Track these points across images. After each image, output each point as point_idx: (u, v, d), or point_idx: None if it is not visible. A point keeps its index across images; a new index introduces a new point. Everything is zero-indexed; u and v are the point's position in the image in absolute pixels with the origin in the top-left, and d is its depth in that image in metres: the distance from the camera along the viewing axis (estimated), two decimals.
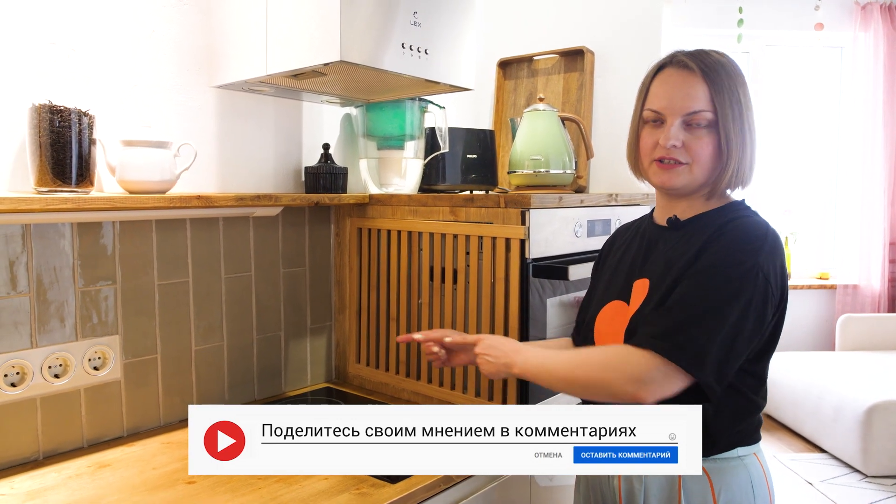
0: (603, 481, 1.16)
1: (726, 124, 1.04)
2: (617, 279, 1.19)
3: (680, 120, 1.06)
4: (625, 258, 1.21)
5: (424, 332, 1.27)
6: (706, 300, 0.99)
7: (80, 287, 1.33)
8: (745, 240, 1.02)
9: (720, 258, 1.01)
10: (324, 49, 1.19)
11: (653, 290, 1.08)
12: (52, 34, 1.26)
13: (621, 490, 1.11)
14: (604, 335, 1.16)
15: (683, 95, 1.06)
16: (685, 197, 1.12)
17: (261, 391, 1.67)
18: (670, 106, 1.06)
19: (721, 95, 1.05)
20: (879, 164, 4.25)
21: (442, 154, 1.82)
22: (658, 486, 1.07)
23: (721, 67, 1.06)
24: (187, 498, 1.12)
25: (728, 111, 1.04)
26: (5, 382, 1.23)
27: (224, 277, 1.57)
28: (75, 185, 1.20)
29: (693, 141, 1.06)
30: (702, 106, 1.05)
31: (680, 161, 1.06)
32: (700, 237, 1.06)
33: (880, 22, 4.23)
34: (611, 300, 1.17)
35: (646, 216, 1.25)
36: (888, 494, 3.00)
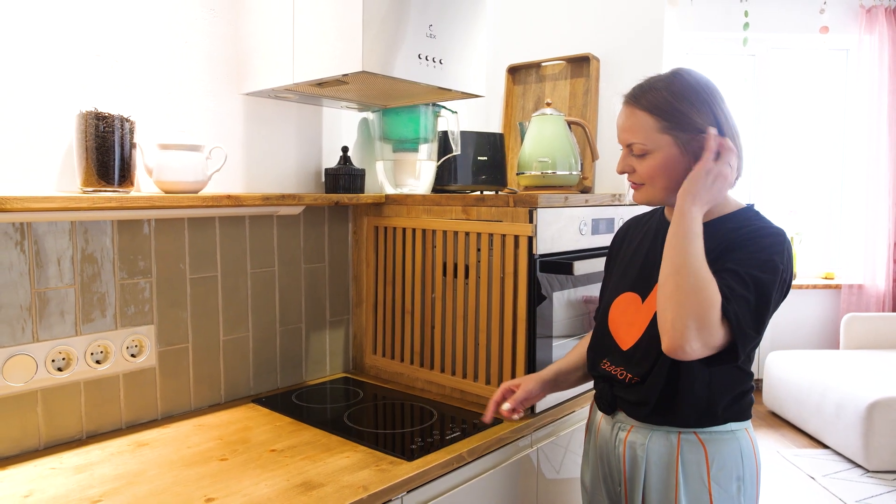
0: (609, 450, 1.26)
1: (681, 136, 1.12)
2: (630, 271, 1.28)
3: (626, 150, 1.19)
4: (638, 252, 1.28)
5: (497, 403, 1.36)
6: (753, 281, 1.06)
7: (119, 280, 1.43)
8: (771, 239, 1.10)
9: (754, 246, 1.08)
10: (347, 60, 1.29)
11: None
12: (97, 47, 1.37)
13: (626, 457, 1.22)
14: (617, 324, 1.26)
15: (623, 129, 1.19)
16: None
17: (283, 380, 1.77)
18: (619, 139, 1.20)
19: (665, 119, 1.13)
20: (884, 166, 4.31)
21: (454, 156, 1.91)
22: (658, 453, 1.18)
23: (665, 93, 1.14)
24: (221, 473, 1.22)
25: (678, 125, 1.12)
26: (53, 367, 1.34)
27: (250, 272, 1.67)
28: (117, 186, 1.31)
29: (638, 164, 1.17)
30: (636, 139, 1.16)
31: (636, 183, 1.20)
32: (718, 243, 1.12)
33: (885, 25, 4.29)
34: (624, 291, 1.27)
35: (657, 211, 1.32)
36: (889, 489, 3.06)
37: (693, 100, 1.13)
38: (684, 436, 1.17)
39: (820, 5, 4.32)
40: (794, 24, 4.39)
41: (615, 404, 1.26)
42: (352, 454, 1.31)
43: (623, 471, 1.23)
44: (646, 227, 1.32)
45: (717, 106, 1.14)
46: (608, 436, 1.27)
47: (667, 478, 1.17)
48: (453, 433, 1.41)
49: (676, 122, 1.12)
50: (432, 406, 1.61)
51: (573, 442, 1.69)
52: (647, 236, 1.29)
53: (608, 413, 1.28)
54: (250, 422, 1.49)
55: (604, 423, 1.30)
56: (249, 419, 1.51)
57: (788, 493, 3.01)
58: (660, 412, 1.18)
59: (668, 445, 1.18)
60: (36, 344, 1.31)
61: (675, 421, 1.17)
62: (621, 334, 1.25)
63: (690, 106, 1.12)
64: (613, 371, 1.25)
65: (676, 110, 1.12)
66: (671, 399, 1.16)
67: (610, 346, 1.27)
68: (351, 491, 1.14)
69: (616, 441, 1.25)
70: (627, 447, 1.22)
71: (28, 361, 1.30)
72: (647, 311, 1.21)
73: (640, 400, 1.19)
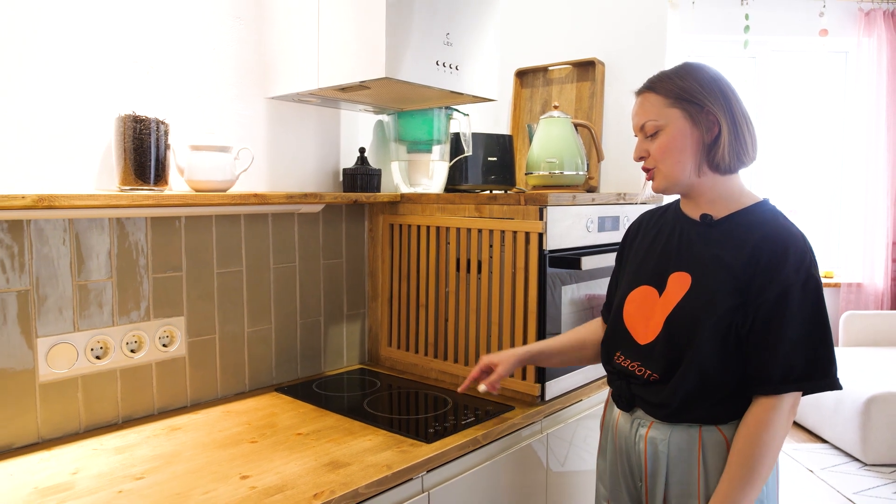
0: (629, 446, 1.26)
1: (688, 108, 1.17)
2: (646, 265, 1.29)
3: (641, 136, 1.23)
4: (654, 246, 1.30)
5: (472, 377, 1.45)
6: (807, 321, 1.11)
7: (152, 274, 1.51)
8: (801, 256, 1.13)
9: (792, 279, 1.11)
10: (370, 66, 1.37)
11: (697, 285, 1.18)
12: (134, 54, 1.45)
13: (647, 453, 1.22)
14: (634, 318, 1.27)
15: (635, 114, 1.24)
16: (697, 195, 1.23)
17: (303, 371, 1.85)
18: (633, 126, 1.25)
19: (673, 96, 1.18)
20: (883, 166, 4.39)
21: (465, 157, 2.00)
22: (679, 447, 1.18)
23: (672, 76, 1.20)
24: (251, 453, 1.30)
25: (685, 98, 1.17)
26: (92, 355, 1.42)
27: (272, 268, 1.76)
28: (153, 185, 1.39)
29: (651, 145, 1.21)
30: (647, 116, 1.20)
31: (651, 167, 1.23)
32: (740, 237, 1.16)
33: (883, 27, 4.36)
34: (640, 285, 1.27)
35: (671, 206, 1.34)
36: (886, 481, 3.14)
37: (698, 78, 1.17)
38: (705, 429, 1.17)
39: (819, 8, 4.40)
40: (794, 27, 4.46)
41: (633, 402, 1.26)
42: (373, 437, 1.39)
43: (644, 466, 1.23)
44: (660, 221, 1.33)
45: (724, 86, 1.18)
46: (627, 432, 1.27)
47: (689, 471, 1.18)
48: (467, 419, 1.49)
49: (683, 96, 1.17)
50: (446, 394, 1.69)
51: (581, 428, 1.77)
52: (663, 231, 1.30)
53: (626, 410, 1.28)
54: (275, 408, 1.58)
55: (622, 419, 1.29)
56: (274, 406, 1.59)
57: (788, 486, 3.09)
58: (682, 411, 1.18)
59: (690, 440, 1.18)
60: (77, 333, 1.40)
61: (696, 418, 1.18)
62: (638, 329, 1.25)
63: (695, 82, 1.17)
64: (630, 367, 1.25)
65: (681, 87, 1.17)
66: (693, 400, 1.17)
67: (625, 339, 1.28)
68: (376, 469, 1.22)
69: (636, 437, 1.25)
70: (649, 443, 1.22)
71: (70, 350, 1.39)
72: (664, 305, 1.21)
73: (662, 402, 1.19)
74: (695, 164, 1.19)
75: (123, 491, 1.14)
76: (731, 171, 1.20)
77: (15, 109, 1.30)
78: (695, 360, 1.16)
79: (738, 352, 1.15)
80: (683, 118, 1.18)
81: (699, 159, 1.19)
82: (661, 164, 1.21)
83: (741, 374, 1.16)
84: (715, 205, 1.22)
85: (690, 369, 1.16)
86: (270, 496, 1.12)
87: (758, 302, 1.12)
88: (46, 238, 1.34)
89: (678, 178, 1.21)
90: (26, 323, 1.32)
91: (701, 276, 1.19)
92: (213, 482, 1.17)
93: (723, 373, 1.16)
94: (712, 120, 1.17)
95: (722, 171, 1.19)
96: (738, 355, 1.15)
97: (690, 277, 1.20)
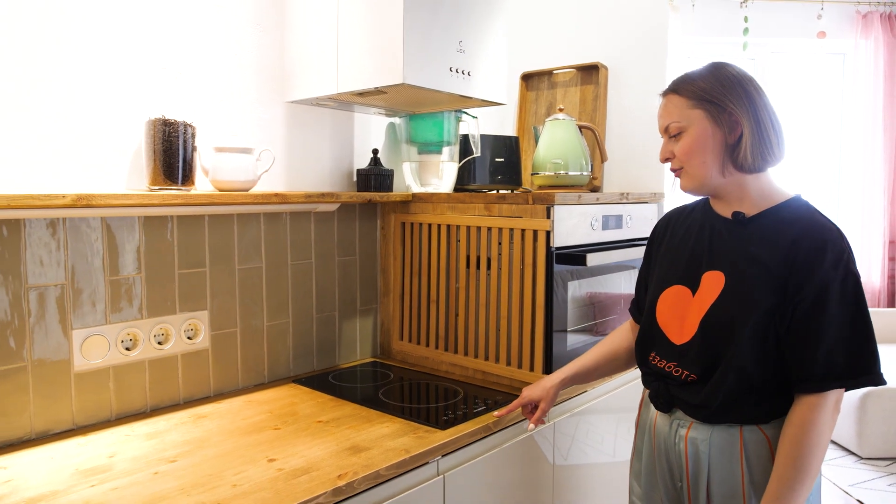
0: (669, 447, 1.27)
1: (711, 109, 1.17)
2: (678, 264, 1.29)
3: (665, 138, 1.25)
4: (685, 244, 1.30)
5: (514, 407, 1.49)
6: (847, 317, 1.11)
7: (178, 270, 1.59)
8: (839, 252, 1.13)
9: (831, 275, 1.11)
10: (388, 73, 1.45)
11: (732, 282, 1.18)
12: (162, 61, 1.53)
13: (688, 453, 1.23)
14: (667, 318, 1.27)
15: (660, 116, 1.26)
16: (726, 194, 1.23)
17: (318, 363, 1.93)
18: (659, 128, 1.27)
19: (695, 97, 1.19)
20: (880, 166, 4.46)
21: (474, 158, 2.07)
22: (720, 447, 1.19)
23: (695, 78, 1.21)
24: (276, 440, 1.38)
25: (707, 100, 1.17)
26: (122, 347, 1.50)
27: (290, 264, 1.83)
28: (181, 185, 1.46)
29: (675, 146, 1.22)
30: (671, 118, 1.22)
31: (677, 168, 1.25)
32: (775, 234, 1.16)
33: (880, 30, 4.44)
34: (672, 284, 1.28)
35: (698, 205, 1.34)
36: (881, 474, 3.22)
37: (721, 78, 1.18)
38: (746, 428, 1.18)
39: (817, 11, 4.47)
40: (793, 30, 4.53)
41: (672, 403, 1.26)
42: (390, 424, 1.46)
43: (685, 466, 1.23)
44: (689, 219, 1.33)
45: (749, 86, 1.18)
46: (667, 433, 1.28)
47: (731, 471, 1.18)
48: (479, 408, 1.57)
49: (705, 97, 1.17)
50: (457, 385, 1.77)
51: (585, 419, 1.84)
52: (692, 229, 1.30)
53: (665, 411, 1.28)
54: (294, 398, 1.65)
55: (660, 420, 1.30)
56: (293, 396, 1.67)
57: None
58: (722, 412, 1.18)
59: (731, 440, 1.18)
60: (108, 326, 1.47)
61: (737, 418, 1.18)
62: (673, 328, 1.26)
63: (718, 83, 1.17)
64: (667, 367, 1.26)
65: (703, 88, 1.18)
66: (734, 401, 1.17)
67: (659, 339, 1.29)
68: (395, 453, 1.30)
69: (676, 438, 1.25)
70: (689, 444, 1.22)
71: (102, 342, 1.46)
72: (699, 305, 1.22)
73: (702, 402, 1.20)
74: (719, 165, 1.19)
75: (159, 472, 1.21)
76: (756, 170, 1.19)
77: (51, 113, 1.37)
78: (734, 361, 1.16)
79: (778, 350, 1.15)
80: (705, 119, 1.18)
81: (723, 159, 1.19)
82: (685, 164, 1.22)
83: (781, 373, 1.15)
84: (744, 203, 1.22)
85: (730, 370, 1.16)
86: (297, 477, 1.19)
87: (796, 300, 1.12)
88: (81, 235, 1.42)
89: (703, 179, 1.21)
90: (63, 316, 1.40)
91: (736, 275, 1.18)
92: (243, 464, 1.25)
93: (763, 372, 1.15)
94: (735, 120, 1.17)
95: (747, 170, 1.19)
96: (777, 354, 1.15)
97: (724, 277, 1.20)
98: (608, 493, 1.95)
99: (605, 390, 1.92)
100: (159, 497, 1.12)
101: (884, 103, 4.43)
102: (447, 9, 1.55)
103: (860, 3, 4.46)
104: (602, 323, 1.91)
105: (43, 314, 1.37)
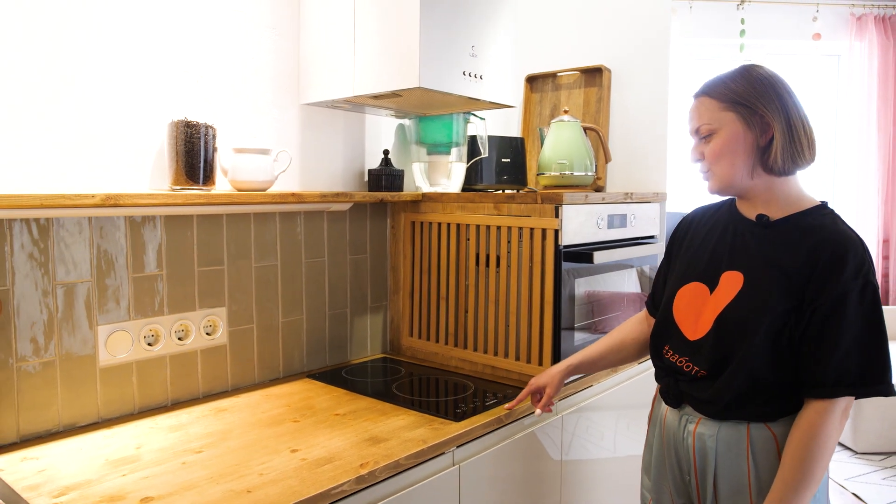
0: (678, 441, 1.31)
1: (742, 112, 1.19)
2: (698, 262, 1.31)
3: (696, 139, 1.26)
4: (706, 243, 1.32)
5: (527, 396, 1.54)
6: (863, 326, 1.13)
7: (198, 267, 1.63)
8: (860, 262, 1.14)
9: (850, 285, 1.12)
10: (405, 76, 1.50)
11: (749, 283, 1.21)
12: (184, 64, 1.57)
13: (695, 448, 1.27)
14: (683, 313, 1.30)
15: (691, 118, 1.27)
16: (753, 196, 1.25)
17: (331, 359, 1.98)
18: (690, 129, 1.28)
19: (727, 100, 1.20)
20: (874, 166, 4.53)
21: (481, 158, 2.12)
22: (727, 443, 1.23)
23: (727, 80, 1.22)
24: (296, 431, 1.43)
25: (738, 103, 1.19)
26: (145, 343, 1.54)
27: (304, 262, 1.88)
28: (202, 185, 1.51)
29: (706, 147, 1.24)
30: (702, 120, 1.23)
31: (706, 170, 1.26)
32: (797, 239, 1.18)
33: (874, 32, 4.51)
34: (690, 281, 1.30)
35: (724, 205, 1.36)
36: (876, 468, 3.29)
37: (752, 82, 1.20)
38: (754, 426, 1.21)
39: (813, 13, 4.54)
40: (789, 31, 4.60)
41: (682, 398, 1.30)
42: (405, 417, 1.51)
43: (693, 460, 1.27)
44: (713, 218, 1.35)
45: (780, 88, 1.20)
46: (676, 428, 1.32)
47: (738, 467, 1.21)
48: (490, 401, 1.62)
49: (737, 100, 1.19)
50: (467, 380, 1.82)
51: (591, 412, 1.89)
52: (716, 228, 1.32)
53: (675, 406, 1.32)
54: (310, 392, 1.70)
55: (670, 415, 1.34)
56: (309, 390, 1.71)
57: None
58: (730, 409, 1.21)
59: (738, 436, 1.22)
60: (132, 322, 1.51)
61: (745, 416, 1.21)
62: (688, 324, 1.29)
63: (749, 86, 1.19)
64: (679, 362, 1.29)
65: (735, 91, 1.20)
66: (743, 399, 1.20)
67: (674, 334, 1.31)
68: (413, 444, 1.35)
69: (685, 433, 1.29)
70: (697, 438, 1.26)
71: (126, 337, 1.50)
72: (715, 303, 1.24)
73: (711, 399, 1.23)
74: (748, 167, 1.21)
75: (187, 462, 1.26)
76: (786, 173, 1.21)
77: (75, 117, 1.41)
78: (745, 360, 1.19)
79: (790, 353, 1.18)
80: (737, 121, 1.19)
81: (753, 162, 1.20)
82: (715, 166, 1.23)
83: (792, 375, 1.18)
84: (770, 206, 1.24)
85: (741, 369, 1.19)
86: (321, 466, 1.24)
87: (814, 306, 1.14)
88: (106, 233, 1.46)
89: (732, 180, 1.22)
90: (89, 312, 1.44)
91: (754, 276, 1.21)
92: (267, 455, 1.29)
93: (773, 373, 1.18)
94: (766, 123, 1.18)
95: (776, 173, 1.21)
96: (789, 357, 1.18)
97: (743, 277, 1.22)
98: (615, 484, 2.00)
99: (614, 383, 1.97)
100: (190, 485, 1.16)
101: (878, 104, 4.51)
102: (461, 14, 1.60)
103: (854, 6, 4.53)
104: (605, 320, 1.96)
105: (72, 310, 1.41)
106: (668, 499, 1.37)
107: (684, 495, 1.34)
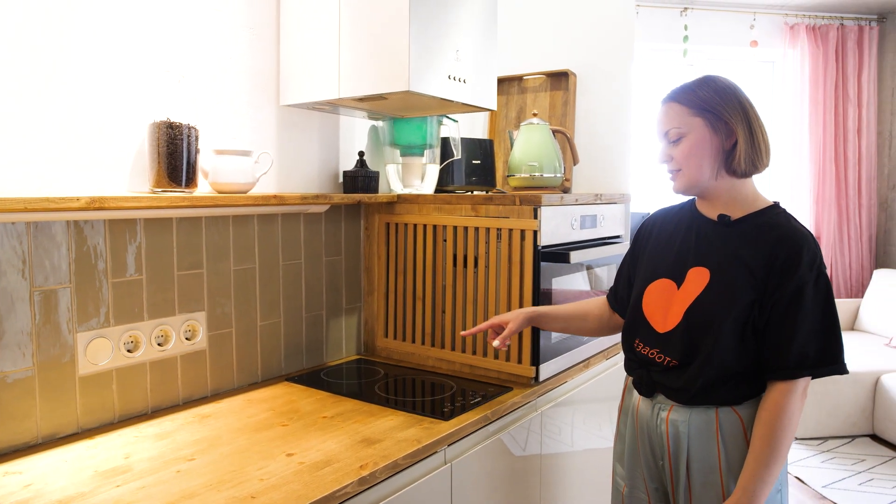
0: (651, 429, 1.39)
1: (709, 118, 1.28)
2: (665, 259, 1.40)
3: (665, 142, 1.35)
4: (671, 242, 1.41)
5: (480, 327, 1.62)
6: (819, 313, 1.25)
7: (177, 271, 1.60)
8: (813, 256, 1.26)
9: (806, 277, 1.24)
10: (395, 79, 1.51)
11: (716, 280, 1.30)
12: (166, 65, 1.53)
13: (669, 434, 1.35)
14: (652, 308, 1.39)
15: (660, 122, 1.35)
16: (714, 197, 1.35)
17: (308, 361, 1.96)
18: (658, 132, 1.37)
19: (695, 106, 1.29)
20: (806, 167, 4.79)
21: (454, 160, 2.15)
22: (698, 427, 1.32)
23: (694, 88, 1.31)
24: (288, 435, 1.42)
25: (705, 109, 1.28)
26: (125, 349, 1.50)
27: (281, 265, 1.86)
28: (184, 187, 1.48)
29: (675, 150, 1.33)
30: (672, 124, 1.32)
31: (674, 170, 1.35)
32: (757, 237, 1.28)
33: (806, 40, 4.77)
34: (658, 278, 1.39)
35: (685, 206, 1.45)
36: (814, 452, 3.49)
37: (718, 90, 1.29)
38: (722, 409, 1.30)
39: (750, 21, 4.76)
40: (728, 38, 4.82)
41: (654, 388, 1.38)
42: (394, 417, 1.52)
43: (666, 446, 1.35)
44: (676, 219, 1.45)
45: (742, 98, 1.30)
46: (649, 416, 1.39)
47: (708, 448, 1.31)
48: (475, 399, 1.65)
49: (704, 107, 1.28)
50: (448, 379, 1.84)
51: (569, 405, 1.95)
52: (679, 228, 1.42)
53: (647, 396, 1.40)
54: (292, 396, 1.69)
55: (643, 404, 1.41)
56: (290, 394, 1.70)
57: None
58: (700, 396, 1.30)
59: (708, 420, 1.31)
60: (111, 328, 1.47)
61: (714, 401, 1.31)
62: (657, 318, 1.37)
63: (716, 94, 1.29)
64: (650, 354, 1.37)
65: (703, 98, 1.29)
66: (712, 386, 1.29)
67: (644, 328, 1.40)
68: (407, 444, 1.36)
69: (658, 420, 1.37)
70: (670, 425, 1.34)
71: (106, 344, 1.46)
72: (683, 297, 1.33)
73: (682, 387, 1.32)
74: (713, 169, 1.31)
75: (181, 471, 1.24)
76: (745, 175, 1.32)
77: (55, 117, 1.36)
78: (714, 351, 1.28)
79: (754, 341, 1.28)
80: (705, 126, 1.29)
81: (717, 164, 1.31)
82: (683, 167, 1.32)
83: (755, 361, 1.29)
84: (730, 206, 1.34)
85: (710, 359, 1.29)
86: (321, 469, 1.24)
87: (775, 297, 1.26)
88: (85, 238, 1.42)
89: (698, 181, 1.32)
90: (68, 318, 1.39)
91: (720, 272, 1.31)
92: (262, 460, 1.29)
93: (739, 360, 1.28)
94: (730, 129, 1.29)
95: (738, 175, 1.31)
96: (753, 345, 1.28)
97: (709, 273, 1.32)
98: (588, 474, 2.07)
99: (581, 381, 2.03)
100: (189, 494, 1.14)
101: (809, 108, 4.77)
102: (447, 18, 1.62)
103: (788, 15, 4.78)
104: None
105: (49, 316, 1.36)
106: (641, 484, 1.45)
107: (657, 479, 1.41)
